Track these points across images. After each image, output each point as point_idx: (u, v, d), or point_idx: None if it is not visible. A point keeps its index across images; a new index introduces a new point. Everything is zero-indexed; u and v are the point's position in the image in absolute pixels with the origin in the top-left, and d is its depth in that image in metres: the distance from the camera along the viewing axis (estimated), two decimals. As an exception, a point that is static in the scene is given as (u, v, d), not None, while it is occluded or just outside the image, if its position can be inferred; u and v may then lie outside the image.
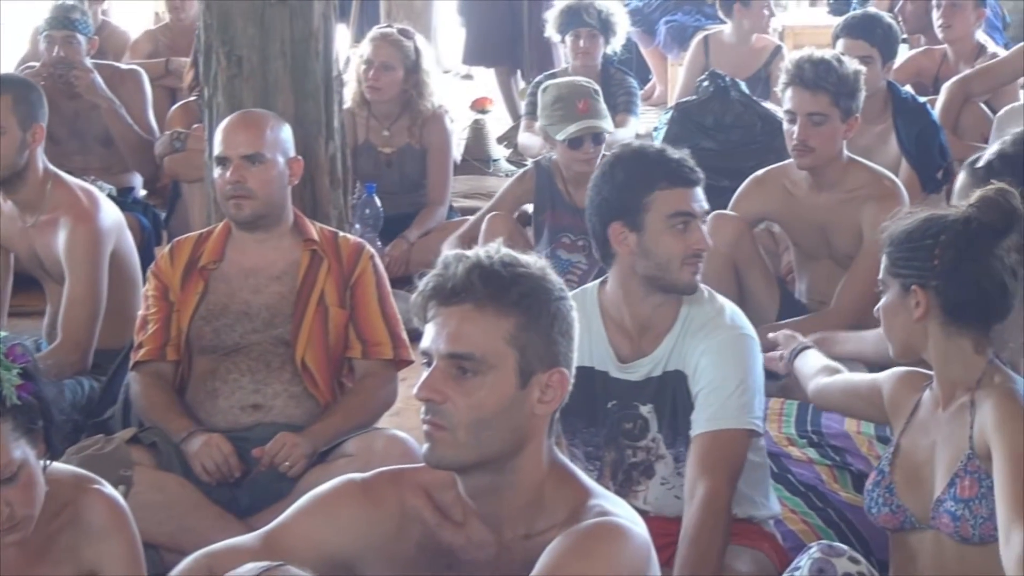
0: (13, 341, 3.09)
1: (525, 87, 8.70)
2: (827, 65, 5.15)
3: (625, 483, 3.87)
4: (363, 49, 6.94)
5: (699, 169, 3.83)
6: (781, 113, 5.47)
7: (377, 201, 6.45)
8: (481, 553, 2.77)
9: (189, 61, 6.81)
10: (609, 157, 3.90)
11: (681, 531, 3.62)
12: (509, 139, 8.81)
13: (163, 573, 3.50)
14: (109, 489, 3.23)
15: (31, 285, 5.42)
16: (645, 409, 3.83)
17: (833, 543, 3.42)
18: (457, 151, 8.33)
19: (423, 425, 2.69)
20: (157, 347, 4.44)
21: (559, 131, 5.74)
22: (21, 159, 4.99)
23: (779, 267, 5.78)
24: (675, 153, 3.82)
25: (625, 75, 7.97)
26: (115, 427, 4.57)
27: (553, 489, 2.76)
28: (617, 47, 8.00)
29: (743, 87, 7.01)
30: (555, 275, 2.76)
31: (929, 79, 7.75)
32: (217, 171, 4.45)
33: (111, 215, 5.10)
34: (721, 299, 3.88)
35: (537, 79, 7.95)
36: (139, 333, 4.49)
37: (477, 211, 6.34)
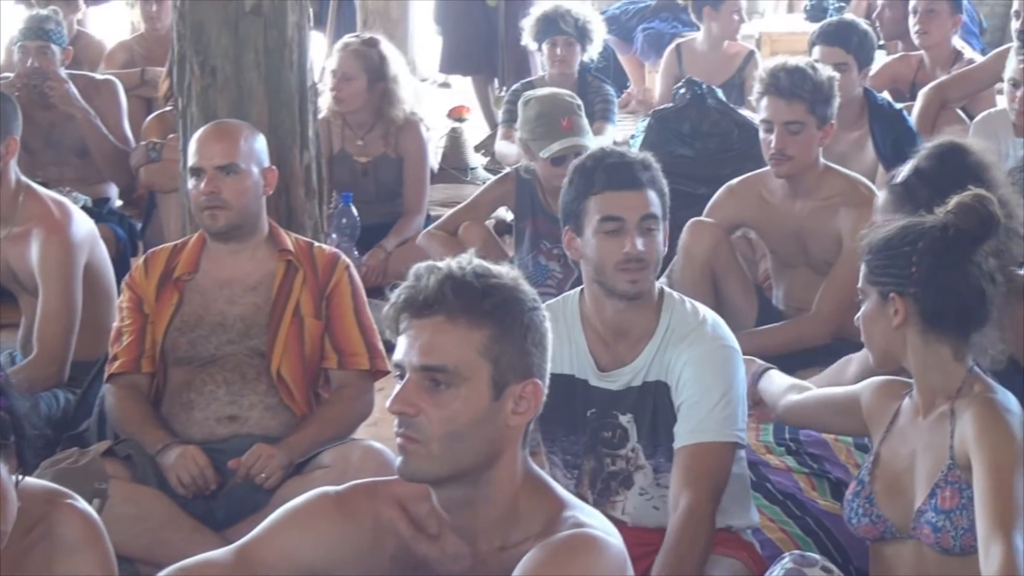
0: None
1: (501, 95, 8.69)
2: (802, 73, 5.16)
3: (604, 492, 3.86)
4: (331, 59, 6.94)
5: (650, 172, 3.74)
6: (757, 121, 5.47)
7: (354, 210, 6.44)
8: (456, 566, 2.75)
9: (165, 71, 6.77)
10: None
11: (663, 542, 3.61)
12: (486, 147, 8.81)
13: (138, 587, 3.50)
14: (82, 504, 3.21)
15: (5, 298, 5.38)
16: (624, 419, 3.82)
17: (806, 553, 3.41)
18: (434, 160, 8.33)
19: (396, 438, 2.67)
20: (132, 359, 4.42)
21: (542, 147, 5.71)
22: (-6, 172, 4.96)
23: (757, 274, 5.78)
24: (623, 156, 3.77)
25: (602, 83, 7.96)
26: (90, 440, 4.55)
27: (528, 501, 2.74)
28: (594, 54, 7.99)
29: (720, 94, 7.02)
30: (528, 285, 2.74)
31: (906, 85, 7.76)
32: (191, 182, 4.43)
33: (84, 227, 5.07)
34: (703, 308, 3.86)
35: (514, 87, 7.97)
36: (114, 345, 4.47)
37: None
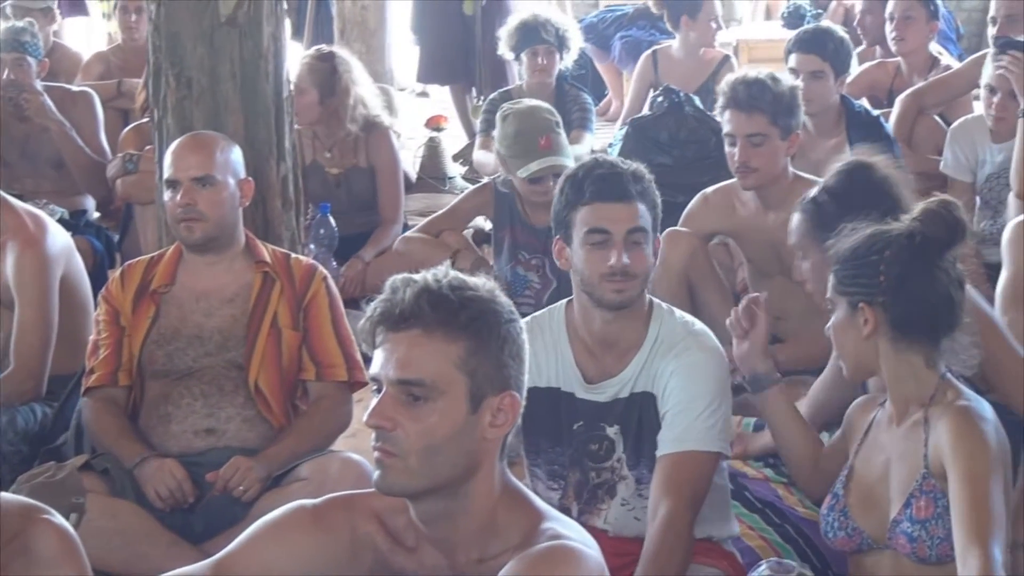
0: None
1: (479, 104, 8.68)
2: (760, 85, 5.15)
3: (589, 502, 3.85)
4: None
5: (641, 185, 3.74)
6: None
7: (332, 221, 6.42)
8: (434, 578, 2.75)
9: (141, 82, 6.75)
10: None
11: (642, 551, 3.60)
12: (464, 157, 8.80)
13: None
14: (59, 519, 3.20)
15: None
16: (611, 430, 3.81)
17: (783, 560, 3.41)
18: (412, 169, 8.33)
19: (374, 452, 2.67)
20: (109, 372, 4.41)
21: (519, 166, 5.67)
22: (-32, 185, 4.94)
23: (735, 282, 5.77)
24: (613, 168, 3.76)
25: (580, 91, 7.96)
26: (68, 453, 4.53)
27: (506, 513, 2.74)
28: (569, 63, 7.99)
29: (697, 102, 7.02)
30: (504, 297, 2.73)
31: (883, 92, 7.76)
32: (167, 194, 4.43)
33: (60, 239, 5.04)
34: (690, 318, 3.86)
35: (491, 96, 7.95)
36: (91, 358, 4.46)
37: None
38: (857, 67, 7.59)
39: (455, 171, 8.68)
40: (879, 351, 3.43)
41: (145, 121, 6.46)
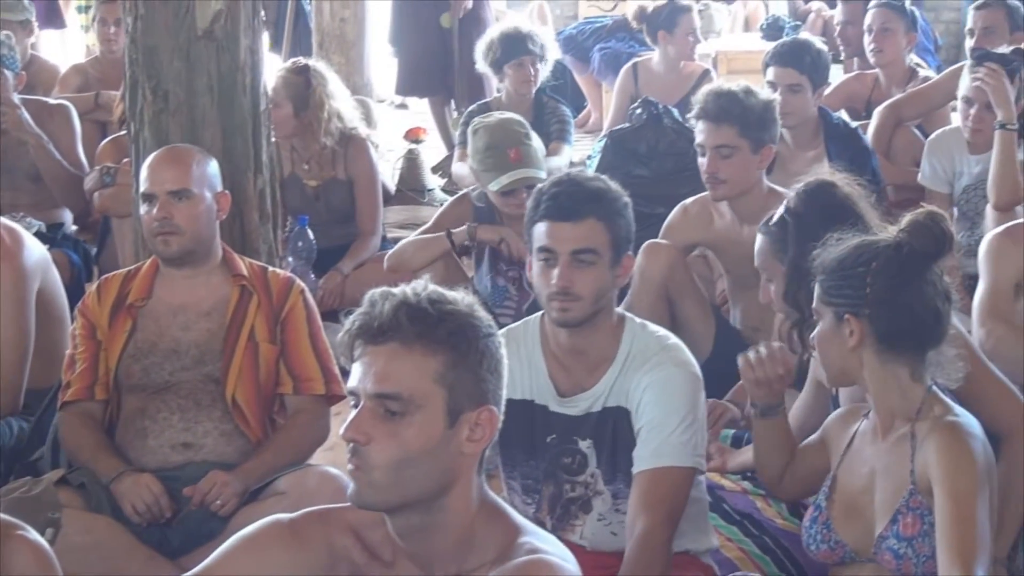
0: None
1: (458, 117, 8.68)
2: (731, 97, 5.15)
3: (563, 517, 3.85)
4: None
5: (602, 204, 3.71)
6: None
7: (310, 234, 6.41)
8: (411, 593, 2.74)
9: (119, 95, 6.74)
10: None
11: (620, 568, 3.59)
12: (443, 169, 8.81)
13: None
14: (34, 535, 3.18)
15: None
16: (584, 444, 3.80)
17: (749, 574, 3.40)
18: (391, 181, 8.32)
19: (348, 465, 2.66)
20: (85, 386, 4.39)
21: (491, 179, 5.66)
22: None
23: (714, 293, 5.78)
24: (572, 185, 3.74)
25: (558, 103, 7.96)
26: (44, 468, 4.51)
27: (483, 527, 2.72)
28: (544, 73, 8.00)
29: (676, 114, 7.03)
30: (483, 311, 2.72)
31: (861, 104, 7.79)
32: (144, 207, 4.41)
33: (36, 252, 5.00)
34: (664, 332, 3.84)
35: (470, 108, 7.95)
36: (67, 372, 4.43)
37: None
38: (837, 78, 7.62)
39: (434, 183, 8.69)
40: (864, 363, 3.41)
41: (123, 134, 6.44)
